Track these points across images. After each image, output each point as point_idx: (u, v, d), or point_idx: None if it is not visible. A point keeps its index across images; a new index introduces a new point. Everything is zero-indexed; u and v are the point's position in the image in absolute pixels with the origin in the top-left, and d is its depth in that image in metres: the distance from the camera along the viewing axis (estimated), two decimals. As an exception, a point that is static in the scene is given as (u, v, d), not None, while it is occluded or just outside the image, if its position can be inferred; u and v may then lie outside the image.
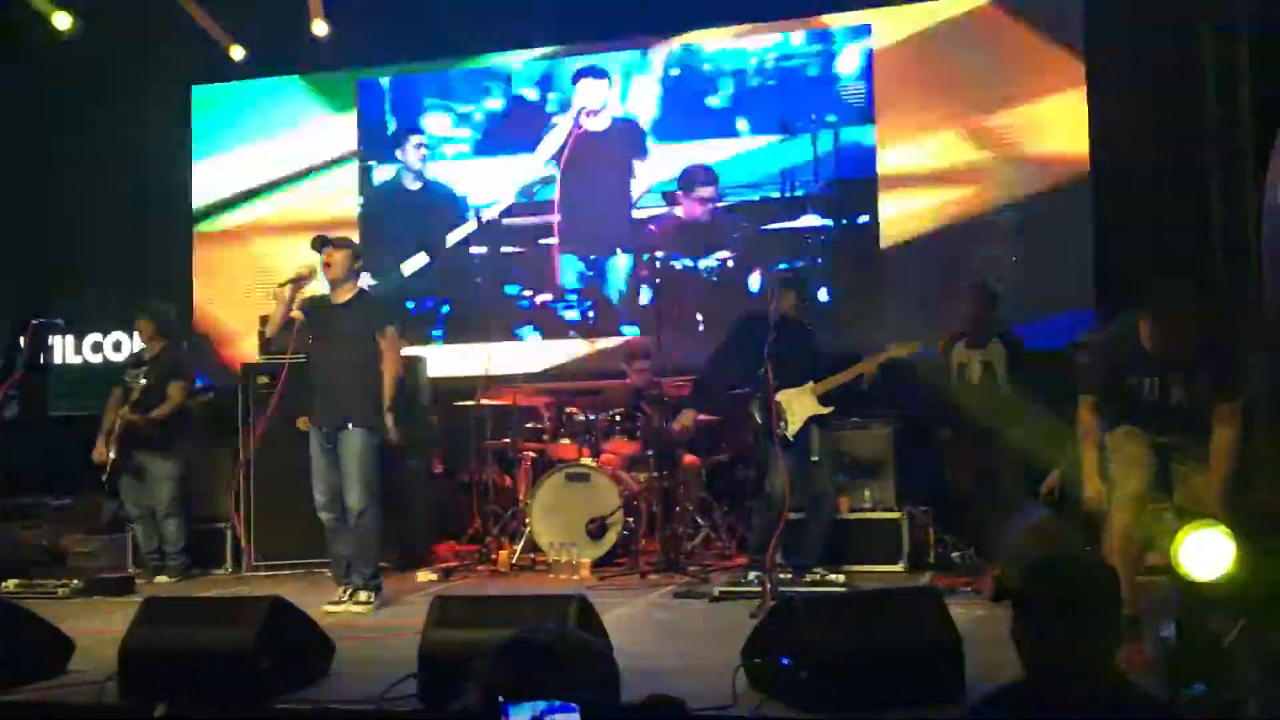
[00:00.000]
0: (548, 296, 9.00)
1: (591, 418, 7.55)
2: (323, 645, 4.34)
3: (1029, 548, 5.45)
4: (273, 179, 9.71)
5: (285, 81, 9.69)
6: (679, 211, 8.75)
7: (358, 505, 5.63)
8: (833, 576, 6.23)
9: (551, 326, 8.98)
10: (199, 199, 9.84)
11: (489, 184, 9.18)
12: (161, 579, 7.10)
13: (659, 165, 8.86)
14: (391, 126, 9.50)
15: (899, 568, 6.70)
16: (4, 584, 6.58)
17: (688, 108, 8.83)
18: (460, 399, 7.93)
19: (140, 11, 8.79)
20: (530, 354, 8.93)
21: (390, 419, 5.74)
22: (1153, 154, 7.43)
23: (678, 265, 8.76)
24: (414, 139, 9.37)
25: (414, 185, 9.38)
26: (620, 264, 8.90)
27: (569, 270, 8.99)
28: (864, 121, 8.43)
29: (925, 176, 8.31)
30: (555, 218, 9.00)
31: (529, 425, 7.82)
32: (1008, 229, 8.11)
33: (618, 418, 7.55)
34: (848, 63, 8.52)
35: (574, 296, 8.97)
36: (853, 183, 8.44)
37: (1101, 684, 2.23)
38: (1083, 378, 4.93)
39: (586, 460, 7.29)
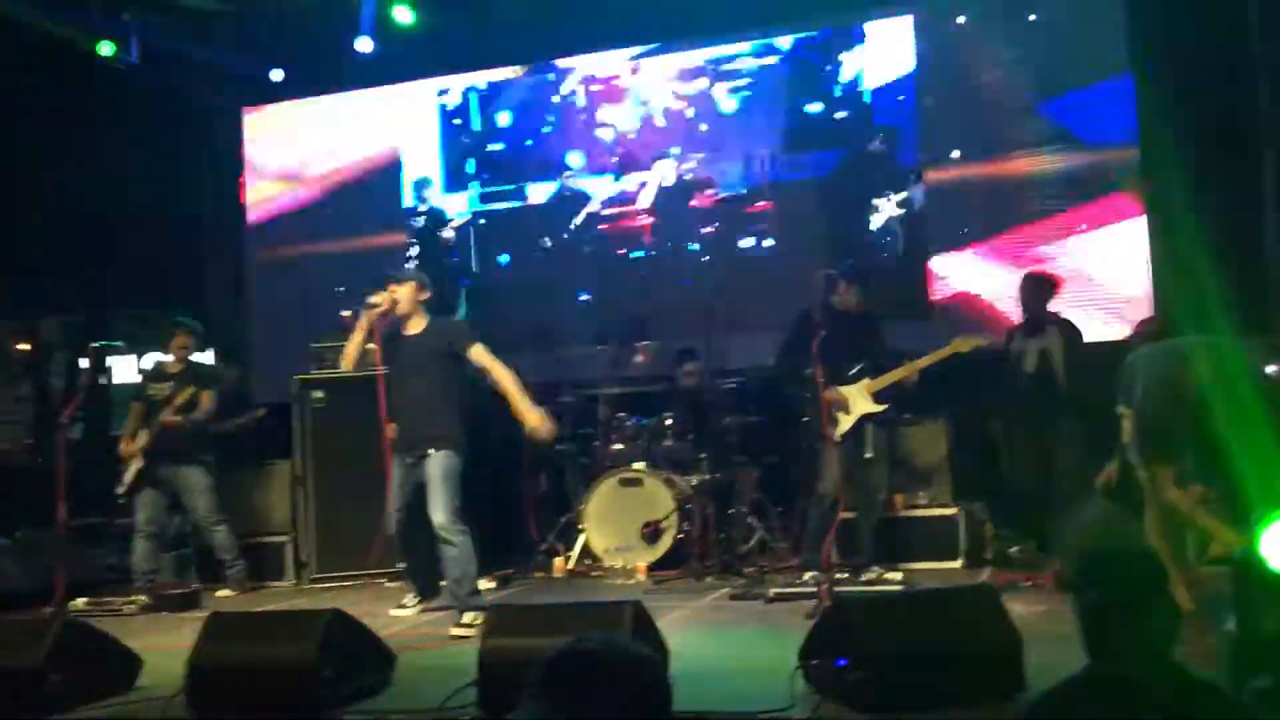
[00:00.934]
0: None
1: (643, 422, 7.56)
2: (384, 656, 4.40)
3: (1088, 540, 5.39)
4: (323, 198, 9.85)
5: (333, 99, 9.82)
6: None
7: (444, 524, 5.53)
8: (890, 575, 6.20)
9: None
10: (253, 221, 10.01)
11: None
12: (224, 592, 7.15)
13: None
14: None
15: (957, 564, 6.65)
16: (73, 603, 6.70)
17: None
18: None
19: (190, 36, 8.98)
20: (581, 359, 8.97)
21: (536, 414, 5.68)
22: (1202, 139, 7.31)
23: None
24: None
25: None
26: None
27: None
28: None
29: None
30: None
31: (581, 431, 7.85)
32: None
33: (669, 421, 7.56)
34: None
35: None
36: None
37: (1160, 675, 2.21)
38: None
39: (639, 464, 7.31)
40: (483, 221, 9.45)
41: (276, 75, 9.35)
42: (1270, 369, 4.97)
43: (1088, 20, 7.93)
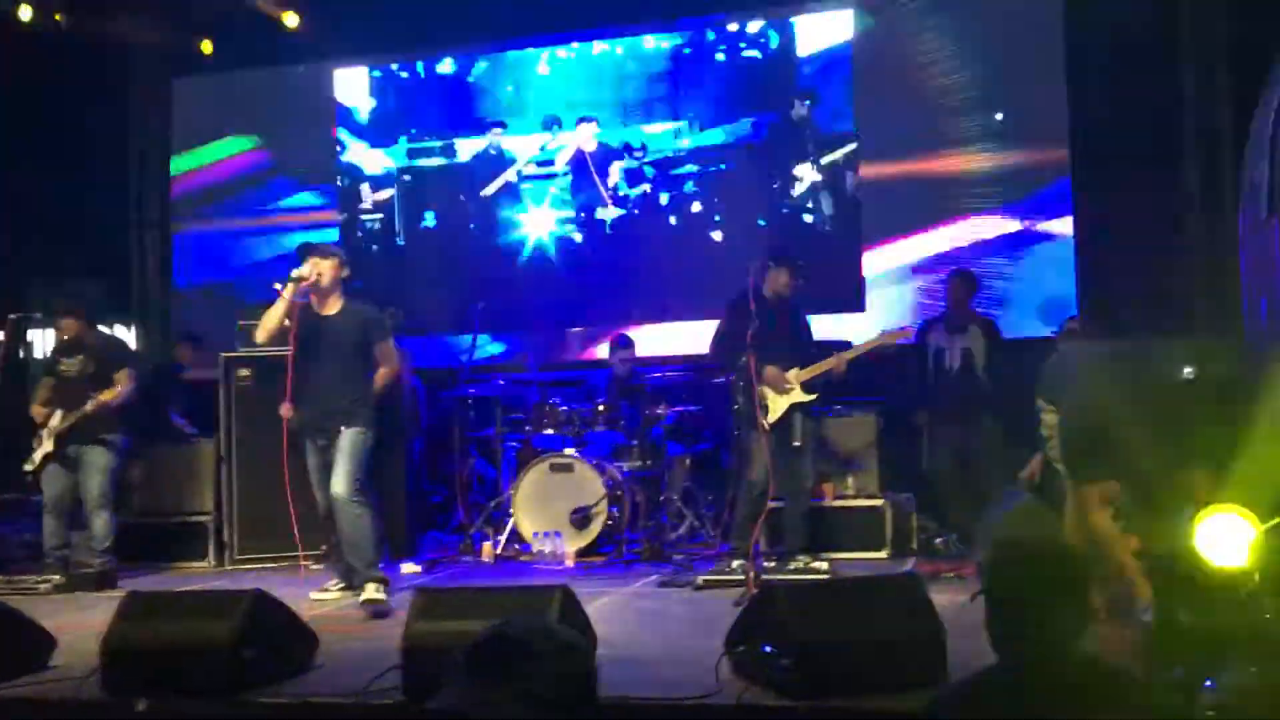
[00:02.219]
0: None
1: (574, 407, 7.55)
2: (306, 638, 4.34)
3: (1009, 534, 5.48)
4: (250, 174, 9.68)
5: (261, 74, 9.64)
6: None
7: (343, 495, 5.55)
8: (816, 564, 6.25)
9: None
10: (178, 193, 9.82)
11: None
12: (58, 579, 6.64)
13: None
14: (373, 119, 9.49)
15: (883, 555, 6.73)
16: (-15, 581, 6.54)
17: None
18: (443, 389, 7.91)
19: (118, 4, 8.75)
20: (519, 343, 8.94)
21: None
22: (1131, 140, 7.46)
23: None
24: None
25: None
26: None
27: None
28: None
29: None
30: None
31: (512, 415, 7.82)
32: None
33: (600, 407, 7.55)
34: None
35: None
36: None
37: (1069, 667, 2.24)
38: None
39: (570, 450, 7.29)
40: (408, 178, 9.34)
41: (206, 47, 9.13)
42: (1187, 371, 5.08)
43: (1025, 23, 8.06)
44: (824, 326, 7.16)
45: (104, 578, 6.65)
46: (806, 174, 8.44)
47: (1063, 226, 7.90)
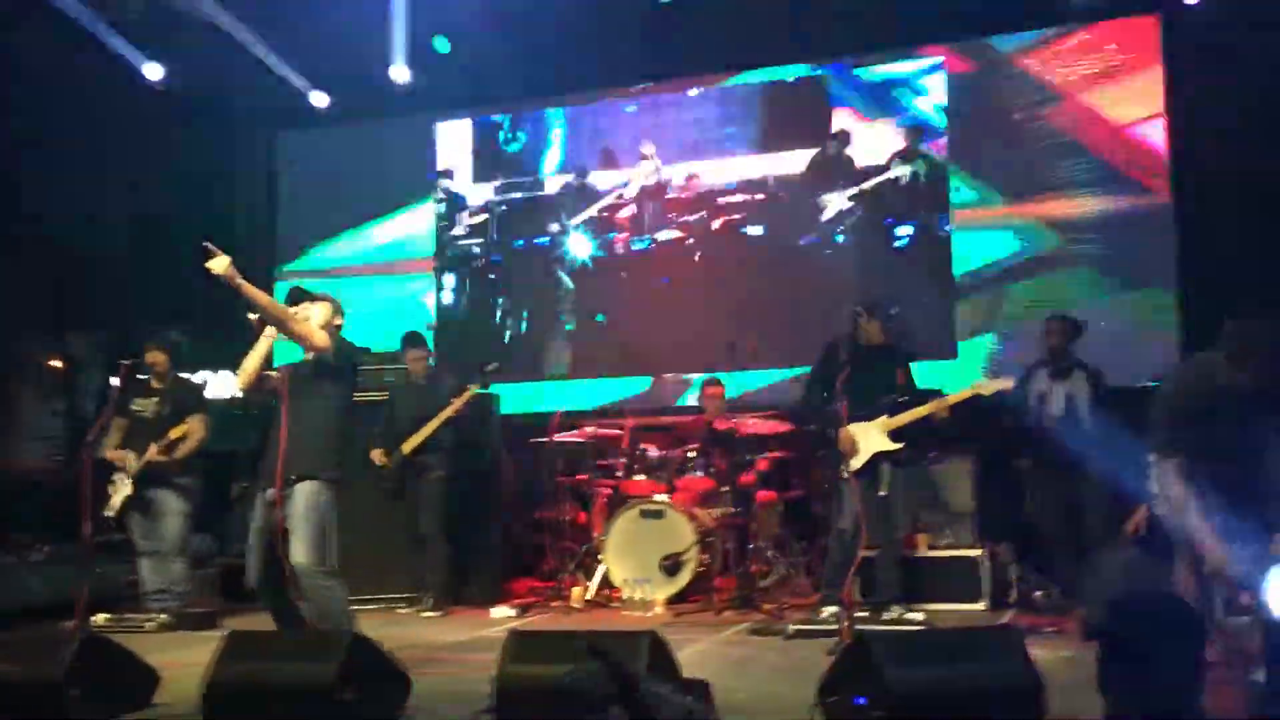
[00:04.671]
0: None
1: (666, 454, 7.55)
2: (400, 679, 4.38)
3: (1115, 587, 5.32)
4: (353, 222, 9.99)
5: (368, 128, 9.97)
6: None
7: (306, 563, 4.88)
8: (911, 615, 6.14)
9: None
10: (284, 242, 10.15)
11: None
12: (163, 618, 6.78)
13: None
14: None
15: (980, 606, 6.58)
16: (94, 618, 6.72)
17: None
18: (533, 436, 7.98)
19: (228, 61, 9.13)
20: (604, 389, 9.01)
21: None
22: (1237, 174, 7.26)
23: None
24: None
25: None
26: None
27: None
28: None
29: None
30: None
31: (603, 461, 7.85)
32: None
33: (691, 454, 7.55)
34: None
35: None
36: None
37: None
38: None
39: (661, 497, 7.29)
40: (503, 208, 9.69)
41: (318, 100, 9.49)
42: None
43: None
44: (921, 374, 7.08)
45: (206, 617, 6.80)
46: (835, 201, 8.76)
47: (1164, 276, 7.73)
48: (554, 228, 9.50)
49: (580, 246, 9.42)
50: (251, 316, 4.89)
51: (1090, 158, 8.04)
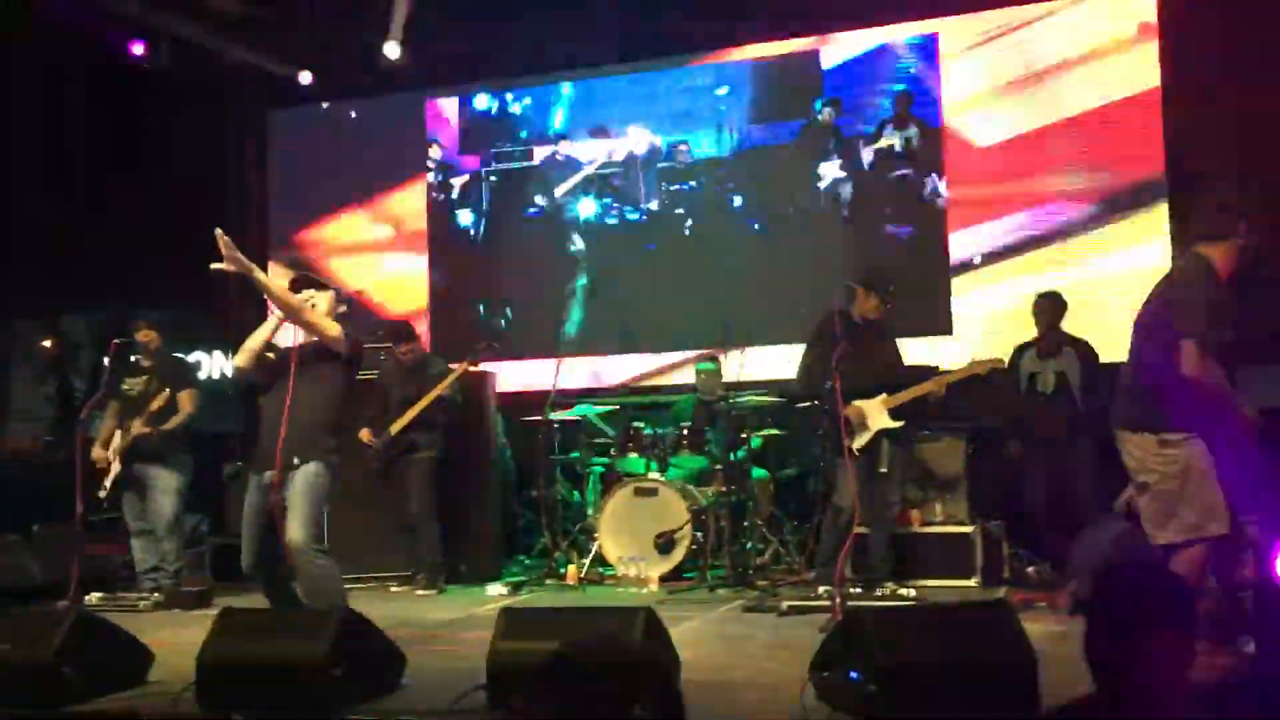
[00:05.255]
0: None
1: (659, 431, 7.56)
2: (394, 657, 4.39)
3: (1106, 561, 5.34)
4: (345, 199, 9.95)
5: (357, 104, 9.93)
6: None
7: (300, 541, 4.79)
8: (903, 591, 6.17)
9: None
10: (276, 219, 10.11)
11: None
12: (156, 597, 6.79)
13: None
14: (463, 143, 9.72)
15: (972, 582, 6.61)
16: (88, 597, 6.73)
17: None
18: (528, 414, 7.99)
19: (220, 37, 9.08)
20: (599, 368, 9.00)
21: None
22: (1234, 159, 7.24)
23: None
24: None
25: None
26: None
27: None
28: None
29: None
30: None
31: (596, 440, 7.85)
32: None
33: (685, 431, 7.55)
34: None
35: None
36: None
37: (1172, 703, 2.17)
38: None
39: (655, 474, 7.30)
40: (494, 178, 9.62)
41: (305, 78, 9.43)
42: None
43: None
44: (913, 351, 7.08)
45: (200, 596, 6.81)
46: (828, 171, 8.68)
47: (1160, 250, 7.70)
48: (545, 200, 9.44)
49: (577, 216, 9.36)
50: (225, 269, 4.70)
51: (1083, 131, 8.00)
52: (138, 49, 8.87)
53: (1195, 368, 3.87)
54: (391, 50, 8.79)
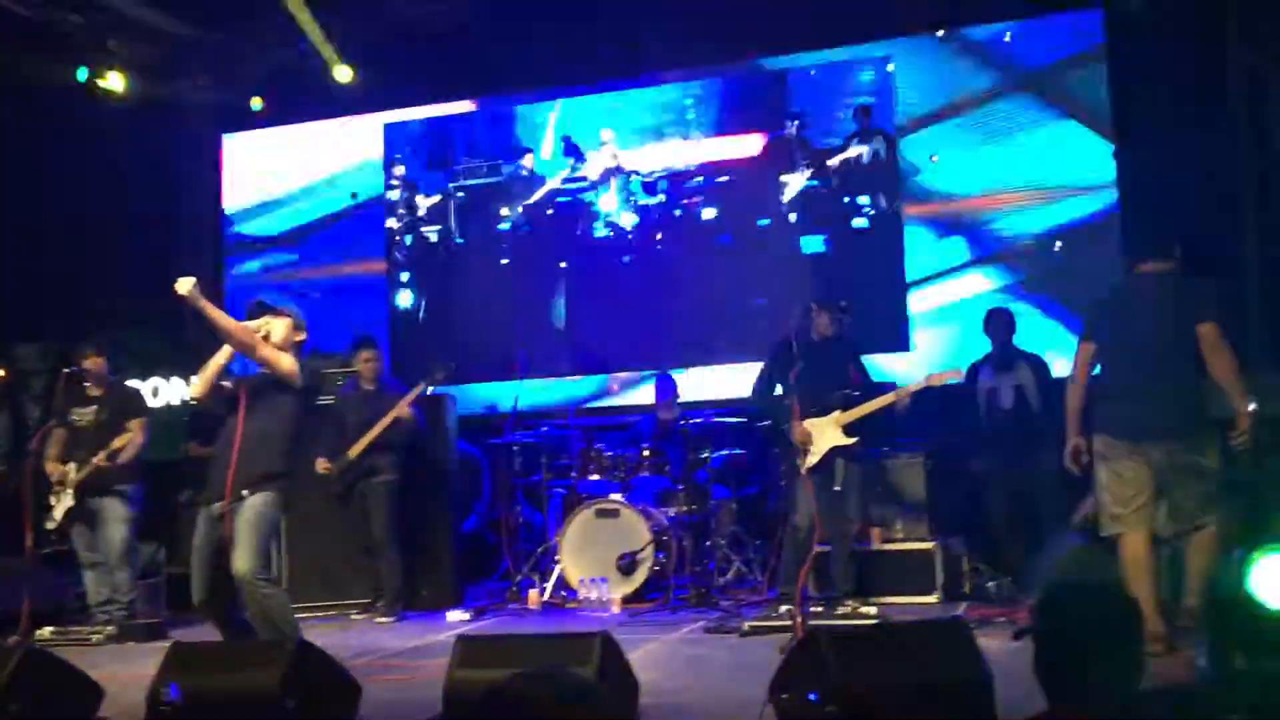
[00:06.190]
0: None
1: (620, 453, 7.52)
2: (349, 687, 4.32)
3: (1062, 575, 5.36)
4: (300, 223, 9.86)
5: (312, 128, 9.86)
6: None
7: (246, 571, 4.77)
8: (865, 609, 6.16)
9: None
10: (230, 243, 10.02)
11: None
12: (110, 630, 6.66)
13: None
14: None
15: (934, 599, 6.61)
16: (39, 632, 6.60)
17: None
18: (488, 436, 7.93)
19: (171, 62, 8.99)
20: (559, 390, 8.97)
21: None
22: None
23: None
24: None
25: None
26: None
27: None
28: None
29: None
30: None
31: (557, 462, 7.81)
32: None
33: (645, 452, 7.52)
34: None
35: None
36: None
37: (1121, 713, 2.17)
38: None
39: (616, 496, 7.26)
40: (461, 194, 9.58)
41: (256, 104, 9.36)
42: (1251, 407, 4.96)
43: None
44: (870, 368, 7.10)
45: (154, 628, 6.69)
46: (794, 181, 8.75)
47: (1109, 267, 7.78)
48: (510, 214, 9.42)
49: (546, 232, 9.34)
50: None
51: (1039, 145, 8.09)
52: (115, 82, 8.77)
53: None
54: (342, 74, 8.72)
